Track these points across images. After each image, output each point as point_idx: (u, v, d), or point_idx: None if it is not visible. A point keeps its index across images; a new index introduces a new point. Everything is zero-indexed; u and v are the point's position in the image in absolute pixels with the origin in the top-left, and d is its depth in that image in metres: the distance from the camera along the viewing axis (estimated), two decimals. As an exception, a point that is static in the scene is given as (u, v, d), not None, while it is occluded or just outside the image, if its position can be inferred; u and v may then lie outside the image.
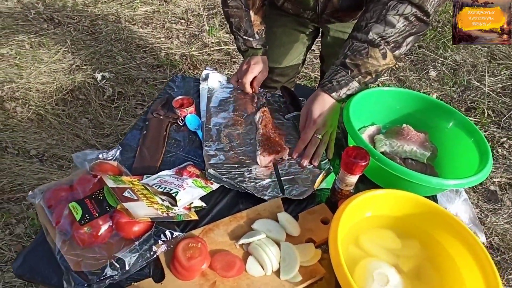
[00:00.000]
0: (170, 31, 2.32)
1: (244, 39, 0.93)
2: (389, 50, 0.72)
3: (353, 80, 0.74)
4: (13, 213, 1.29)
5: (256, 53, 0.95)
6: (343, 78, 0.74)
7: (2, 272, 1.15)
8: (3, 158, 1.46)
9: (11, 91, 1.75)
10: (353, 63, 0.73)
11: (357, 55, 0.72)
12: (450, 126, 0.82)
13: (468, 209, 1.30)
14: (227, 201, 0.70)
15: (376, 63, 0.72)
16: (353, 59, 0.72)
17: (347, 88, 0.74)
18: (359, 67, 0.73)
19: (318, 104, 0.76)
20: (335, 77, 0.74)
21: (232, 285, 0.55)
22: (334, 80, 0.74)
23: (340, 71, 0.74)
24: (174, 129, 0.85)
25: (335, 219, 0.56)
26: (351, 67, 0.73)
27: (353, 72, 0.73)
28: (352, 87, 0.75)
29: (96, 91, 1.85)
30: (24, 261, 0.57)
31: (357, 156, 0.61)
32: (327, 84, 0.75)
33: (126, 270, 0.54)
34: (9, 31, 2.08)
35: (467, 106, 2.04)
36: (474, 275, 0.57)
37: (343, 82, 0.74)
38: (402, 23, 0.70)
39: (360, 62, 0.72)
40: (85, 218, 0.56)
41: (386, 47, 0.71)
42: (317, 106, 0.76)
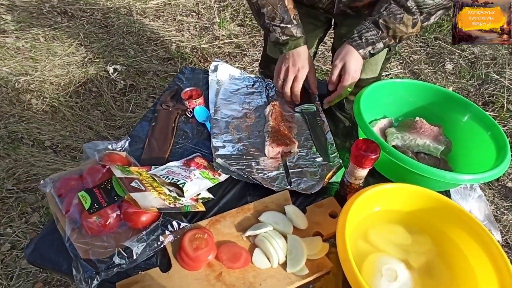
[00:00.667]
0: (181, 23, 2.31)
1: (282, 27, 0.80)
2: (420, 21, 0.73)
3: (380, 41, 0.75)
4: (29, 202, 1.33)
5: (299, 43, 0.82)
6: (372, 37, 0.75)
7: (19, 258, 1.19)
8: (19, 149, 1.50)
9: (27, 83, 1.79)
10: (386, 25, 0.73)
11: (392, 17, 0.73)
12: (466, 119, 0.79)
13: (483, 206, 1.26)
14: (235, 193, 0.70)
15: (405, 30, 0.74)
16: (387, 20, 0.73)
17: (373, 47, 0.76)
18: (389, 30, 0.74)
19: (353, 59, 0.77)
20: (365, 34, 0.75)
21: (238, 276, 0.55)
22: (364, 37, 0.75)
23: (372, 30, 0.74)
24: (182, 120, 0.85)
25: (343, 212, 0.55)
26: (383, 28, 0.74)
27: (383, 34, 0.74)
28: (377, 48, 0.76)
29: (108, 83, 1.87)
30: (35, 248, 0.59)
31: (367, 149, 0.60)
32: (356, 40, 0.76)
33: (134, 259, 0.55)
34: (24, 25, 2.12)
35: (484, 100, 1.98)
36: (488, 273, 0.55)
37: (371, 40, 0.75)
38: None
39: (392, 26, 0.73)
40: (94, 207, 0.57)
41: (419, 17, 0.72)
42: (352, 61, 0.77)
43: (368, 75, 0.96)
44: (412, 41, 2.35)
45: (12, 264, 1.17)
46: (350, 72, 0.77)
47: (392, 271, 0.55)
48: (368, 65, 0.94)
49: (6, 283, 1.12)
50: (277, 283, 0.55)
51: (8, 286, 1.12)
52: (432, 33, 2.34)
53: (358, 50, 0.76)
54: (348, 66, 0.77)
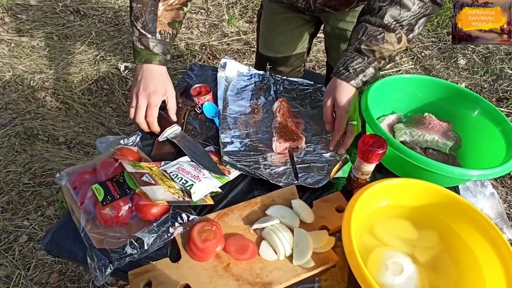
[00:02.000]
0: (190, 21, 2.33)
1: (141, 33, 0.72)
2: (404, 34, 0.69)
3: (369, 67, 0.71)
4: (44, 196, 1.38)
5: (151, 60, 0.73)
6: (359, 65, 0.71)
7: (35, 250, 1.24)
8: (34, 145, 1.55)
9: (41, 81, 1.84)
10: (369, 49, 0.70)
11: (373, 40, 0.69)
12: (476, 115, 0.78)
13: (496, 203, 1.24)
14: (243, 187, 0.71)
15: (391, 48, 0.70)
16: (368, 45, 0.69)
17: (363, 74, 0.72)
18: (375, 53, 0.70)
19: (343, 92, 0.72)
20: (351, 64, 0.71)
21: (245, 267, 0.56)
22: (351, 68, 0.71)
23: (356, 58, 0.71)
24: (192, 116, 0.87)
25: (349, 206, 0.56)
26: (367, 53, 0.70)
27: (369, 59, 0.71)
28: (368, 74, 0.72)
29: (119, 81, 1.91)
30: (52, 238, 0.61)
31: (374, 144, 0.60)
32: (344, 73, 0.72)
33: (145, 249, 0.57)
34: (38, 24, 2.17)
35: (498, 96, 1.93)
36: (495, 269, 0.55)
37: (359, 69, 0.71)
38: (417, 5, 0.67)
39: (376, 48, 0.70)
40: (107, 199, 0.59)
41: (401, 31, 0.69)
42: (342, 94, 0.72)
43: None
44: (423, 36, 2.31)
45: (29, 255, 1.22)
46: (343, 106, 0.71)
47: (397, 265, 0.55)
48: None
49: (24, 273, 1.17)
50: (283, 275, 0.56)
51: (26, 276, 1.17)
52: (445, 28, 2.29)
53: (349, 82, 0.71)
54: (338, 100, 0.71)
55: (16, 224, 1.29)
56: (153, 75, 0.74)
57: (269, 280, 0.55)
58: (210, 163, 0.71)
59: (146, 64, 0.74)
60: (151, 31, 0.72)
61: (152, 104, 0.73)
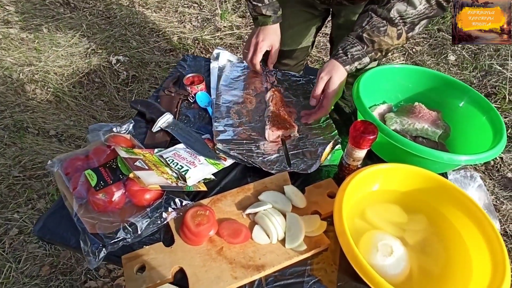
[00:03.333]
0: (183, 15, 2.32)
1: (254, 5, 0.85)
2: (405, 31, 0.71)
3: (366, 56, 0.74)
4: (35, 189, 1.36)
5: (266, 22, 0.87)
6: (358, 52, 0.73)
7: (26, 243, 1.22)
8: (24, 138, 1.52)
9: (31, 73, 1.81)
10: (370, 38, 0.72)
11: (375, 31, 0.71)
12: (463, 104, 0.80)
13: (483, 195, 1.28)
14: (236, 174, 0.72)
15: (390, 42, 0.72)
16: (370, 34, 0.72)
17: (359, 62, 0.74)
18: (374, 44, 0.72)
19: (338, 76, 0.75)
20: (350, 50, 0.73)
21: (238, 251, 0.57)
22: (349, 53, 0.74)
23: (357, 45, 0.73)
24: (185, 105, 0.87)
25: (341, 190, 0.57)
26: (367, 42, 0.72)
27: (368, 48, 0.73)
28: (363, 62, 0.74)
29: (111, 74, 1.89)
30: (44, 225, 0.61)
31: (365, 130, 0.61)
32: (342, 56, 0.74)
33: (138, 234, 0.57)
34: (27, 16, 2.13)
35: (487, 92, 1.97)
36: (481, 250, 0.57)
37: (356, 56, 0.74)
38: (423, 5, 0.69)
39: (376, 39, 0.72)
40: (100, 184, 0.59)
41: (403, 28, 0.71)
42: (337, 77, 0.75)
43: None
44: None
45: (19, 248, 1.20)
46: (335, 88, 0.75)
47: (387, 247, 0.56)
48: None
49: (14, 266, 1.16)
50: (276, 258, 0.57)
51: (17, 269, 1.15)
52: (435, 25, 2.33)
53: (344, 66, 0.74)
54: (333, 81, 0.75)
55: (6, 217, 1.27)
56: (266, 30, 0.89)
57: (262, 263, 0.56)
58: (205, 149, 0.71)
59: (263, 26, 0.88)
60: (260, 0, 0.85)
61: (258, 50, 0.88)
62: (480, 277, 0.53)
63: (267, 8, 0.86)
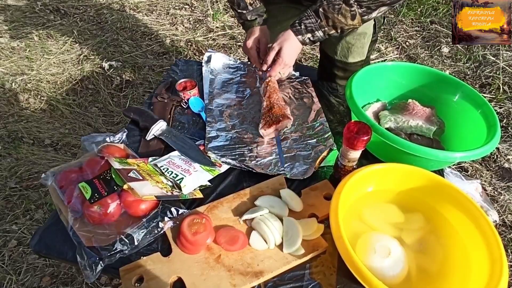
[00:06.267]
0: (174, 17, 2.30)
1: (239, 12, 0.91)
2: (359, 14, 0.75)
3: (319, 29, 0.77)
4: (32, 200, 1.35)
5: (251, 25, 0.93)
6: (311, 24, 0.77)
7: (25, 254, 1.22)
8: (19, 148, 1.51)
9: (23, 83, 1.79)
10: (325, 14, 0.75)
11: (331, 7, 0.75)
12: (457, 99, 0.80)
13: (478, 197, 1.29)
14: (231, 179, 0.71)
15: (344, 21, 0.75)
16: (326, 10, 0.75)
17: (312, 34, 0.78)
18: (328, 20, 0.76)
19: (291, 46, 0.80)
20: (305, 21, 0.78)
21: (236, 258, 0.57)
22: (303, 24, 0.78)
23: (312, 17, 0.77)
24: (178, 111, 0.86)
25: (336, 192, 0.57)
26: (322, 16, 0.76)
27: (321, 22, 0.76)
28: (316, 36, 0.78)
29: (105, 80, 1.87)
30: (40, 239, 0.60)
31: (359, 131, 0.61)
32: (296, 26, 0.79)
33: (135, 245, 0.57)
34: (18, 24, 2.11)
35: (481, 83, 1.97)
36: (479, 247, 0.57)
37: (310, 28, 0.78)
38: None
39: (331, 16, 0.75)
40: (95, 197, 0.58)
41: (357, 10, 0.74)
42: (289, 47, 0.80)
43: (355, 59, 0.97)
44: (407, 26, 2.34)
45: (19, 259, 1.20)
46: (284, 57, 0.81)
47: (385, 248, 0.56)
48: (354, 48, 0.95)
49: (15, 278, 1.15)
50: (274, 263, 0.56)
51: (17, 281, 1.15)
52: (428, 17, 2.32)
53: (297, 36, 0.79)
54: (284, 51, 0.80)
55: (5, 229, 1.26)
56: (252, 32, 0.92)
57: (260, 269, 0.56)
58: (199, 155, 0.71)
59: (250, 28, 0.93)
60: (244, 7, 0.90)
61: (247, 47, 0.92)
62: (479, 274, 0.54)
63: (251, 14, 0.91)
